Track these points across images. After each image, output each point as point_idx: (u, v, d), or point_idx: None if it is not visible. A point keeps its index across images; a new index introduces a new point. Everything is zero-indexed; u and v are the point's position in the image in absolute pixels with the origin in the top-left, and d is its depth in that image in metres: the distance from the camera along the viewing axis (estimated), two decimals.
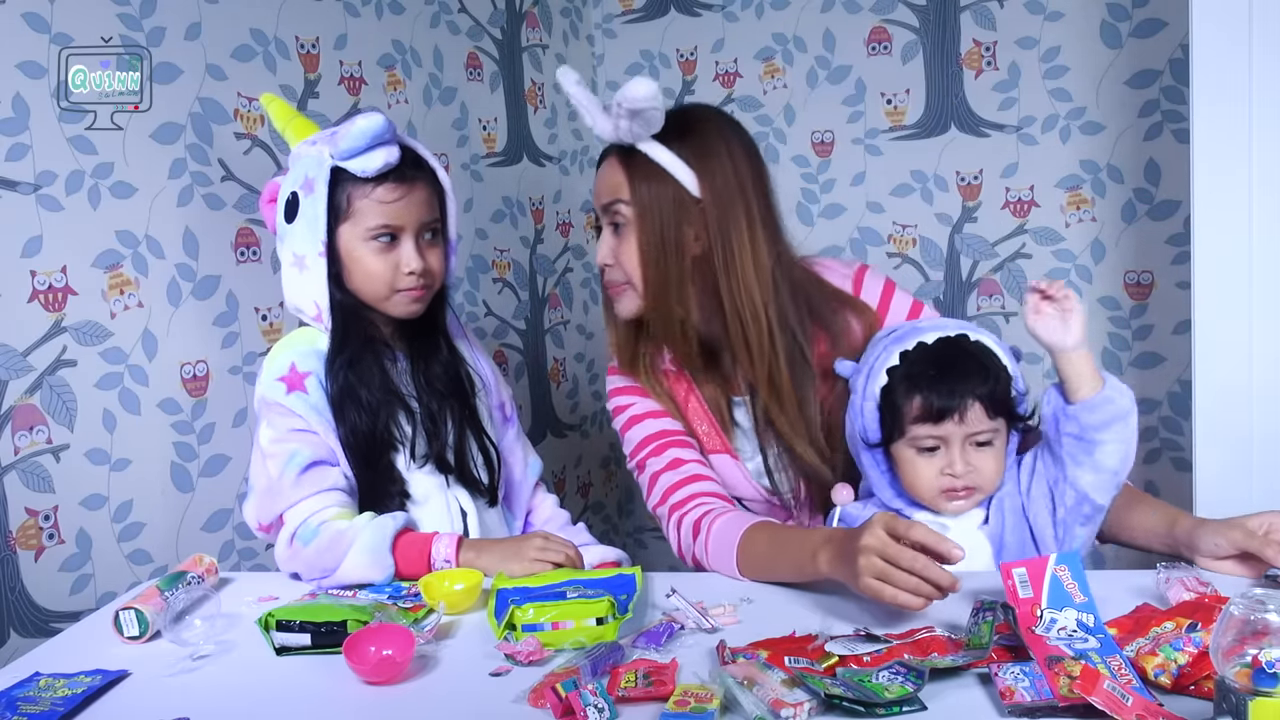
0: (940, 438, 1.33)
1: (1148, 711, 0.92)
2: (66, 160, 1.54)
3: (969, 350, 1.36)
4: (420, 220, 1.51)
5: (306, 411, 1.46)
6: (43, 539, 1.51)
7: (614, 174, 1.50)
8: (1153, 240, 2.44)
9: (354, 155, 1.45)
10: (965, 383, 1.32)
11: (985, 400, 1.32)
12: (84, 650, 1.26)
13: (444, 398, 1.57)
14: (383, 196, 1.48)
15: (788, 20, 2.70)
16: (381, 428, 1.50)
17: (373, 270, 1.50)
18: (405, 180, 1.49)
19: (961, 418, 1.32)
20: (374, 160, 1.45)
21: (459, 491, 1.56)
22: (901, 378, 1.36)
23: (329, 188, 1.47)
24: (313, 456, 1.45)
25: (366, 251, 1.49)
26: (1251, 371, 1.79)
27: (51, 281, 1.52)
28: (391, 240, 1.50)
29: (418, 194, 1.51)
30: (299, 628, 1.22)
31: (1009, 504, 1.38)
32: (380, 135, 1.44)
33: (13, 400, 1.48)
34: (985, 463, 1.34)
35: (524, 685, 1.07)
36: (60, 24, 1.53)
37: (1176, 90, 2.34)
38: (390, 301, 1.52)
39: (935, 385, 1.33)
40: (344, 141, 1.44)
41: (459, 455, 1.57)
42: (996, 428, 1.34)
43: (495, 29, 2.52)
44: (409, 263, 1.50)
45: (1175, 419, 2.40)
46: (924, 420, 1.33)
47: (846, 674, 1.03)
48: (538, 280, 2.68)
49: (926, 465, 1.35)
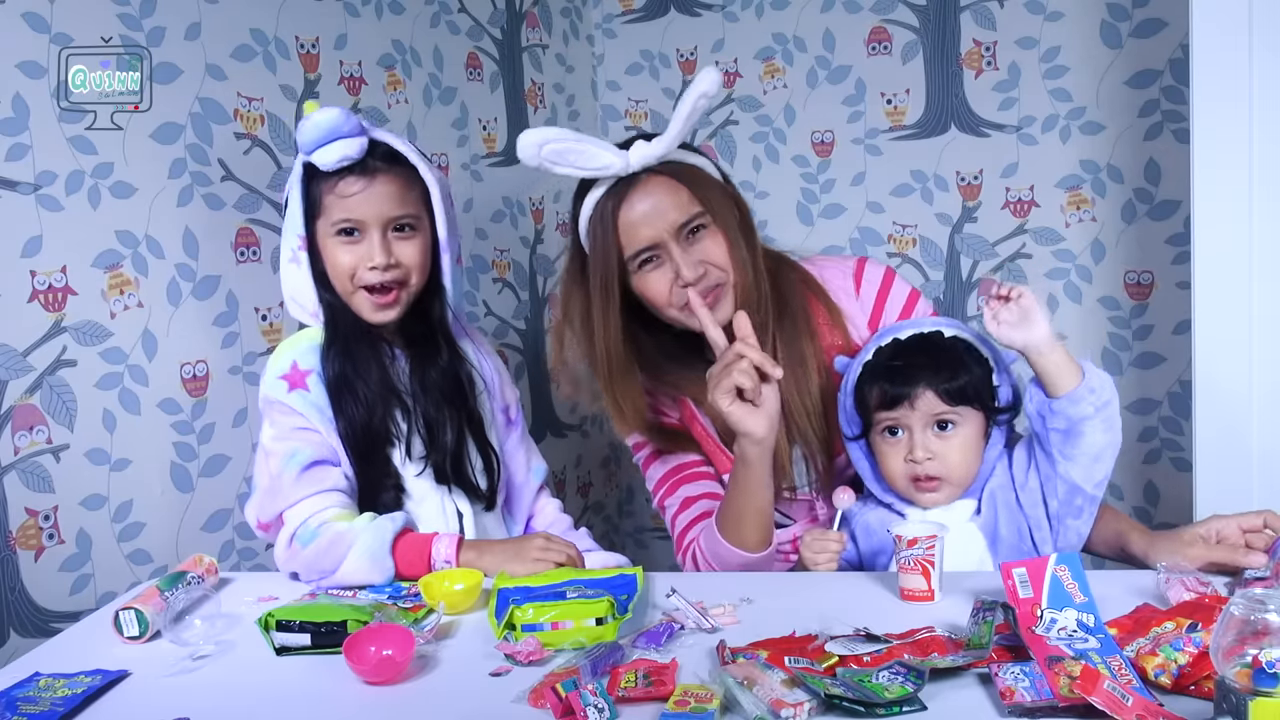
0: (897, 421, 1.40)
1: (1148, 711, 0.92)
2: (66, 160, 1.54)
3: (935, 344, 1.42)
4: (385, 214, 1.50)
5: (308, 409, 1.46)
6: (43, 539, 1.51)
7: (669, 191, 1.52)
8: (1153, 240, 2.44)
9: (314, 149, 1.47)
10: (920, 372, 1.38)
11: (939, 388, 1.37)
12: (84, 650, 1.26)
13: (442, 404, 1.56)
14: (343, 190, 1.49)
15: (788, 20, 2.70)
16: (378, 421, 1.50)
17: (337, 265, 1.51)
18: (367, 173, 1.49)
19: (913, 404, 1.38)
20: (330, 154, 1.46)
21: (456, 494, 1.56)
22: (868, 370, 1.44)
23: (305, 184, 1.51)
24: (314, 455, 1.45)
25: (333, 246, 1.51)
26: (1251, 371, 1.79)
27: (51, 281, 1.52)
28: (354, 235, 1.50)
29: (381, 186, 1.50)
30: (299, 628, 1.22)
31: (1001, 497, 1.41)
32: (337, 129, 1.45)
33: (13, 400, 1.48)
34: (949, 450, 1.38)
35: (524, 685, 1.07)
36: (60, 24, 1.53)
37: (1176, 90, 2.34)
38: (355, 298, 1.52)
39: (891, 375, 1.40)
40: (301, 135, 1.47)
41: (456, 461, 1.56)
42: (957, 413, 1.37)
43: (495, 29, 2.52)
44: (370, 256, 1.49)
45: (1175, 419, 2.40)
46: (881, 407, 1.41)
47: (846, 674, 1.03)
48: (538, 280, 2.68)
49: (893, 452, 1.41)
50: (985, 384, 1.40)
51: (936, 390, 1.37)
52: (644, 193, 1.52)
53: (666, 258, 1.52)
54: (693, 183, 1.53)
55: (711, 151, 2.81)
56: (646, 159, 1.51)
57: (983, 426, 1.41)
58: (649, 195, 1.51)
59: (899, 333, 1.45)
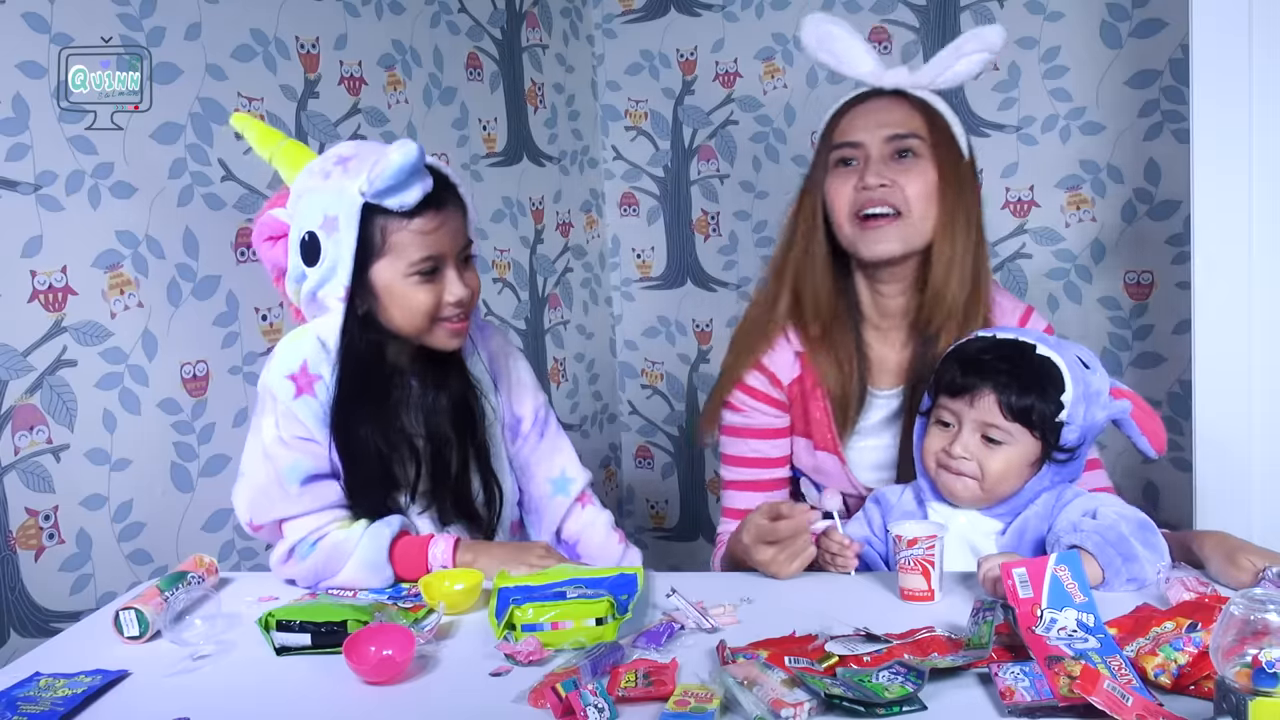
0: (954, 413, 1.36)
1: (1148, 711, 0.92)
2: (66, 160, 1.54)
3: (1026, 357, 1.36)
4: (458, 245, 1.44)
5: (311, 420, 1.41)
6: (43, 539, 1.51)
7: (904, 109, 1.52)
8: (1153, 240, 2.44)
9: (391, 192, 1.35)
10: (992, 374, 1.34)
11: (1002, 397, 1.33)
12: (84, 650, 1.26)
13: (449, 436, 1.50)
14: (422, 228, 1.38)
15: (788, 20, 2.70)
16: (384, 472, 1.45)
17: (416, 305, 1.40)
18: (442, 208, 1.41)
19: (973, 402, 1.34)
20: (411, 195, 1.35)
21: (454, 528, 1.52)
22: (953, 353, 1.41)
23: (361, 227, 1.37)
24: (314, 469, 1.42)
25: (408, 286, 1.40)
26: (1251, 371, 1.79)
27: (51, 281, 1.52)
28: (433, 271, 1.41)
29: (454, 219, 1.43)
30: (299, 628, 1.21)
31: (1032, 527, 1.36)
32: (416, 167, 1.34)
33: (13, 400, 1.48)
34: (991, 461, 1.34)
35: (524, 685, 1.07)
36: (60, 24, 1.53)
37: (1176, 90, 2.34)
38: (431, 334, 1.44)
39: (965, 364, 1.37)
40: (380, 181, 1.33)
41: (458, 496, 1.51)
42: (1010, 431, 1.33)
43: (495, 29, 2.52)
44: (454, 292, 1.42)
45: (1175, 419, 2.40)
46: (944, 391, 1.38)
47: (846, 674, 1.03)
48: (538, 280, 2.68)
49: (937, 437, 1.38)
50: (1053, 414, 1.34)
51: (1000, 398, 1.33)
52: (878, 102, 1.53)
53: (862, 162, 1.50)
54: (927, 115, 1.52)
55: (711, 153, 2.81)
56: (899, 80, 1.53)
57: (1036, 453, 1.35)
58: (881, 104, 1.53)
59: (1000, 333, 1.41)
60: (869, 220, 1.49)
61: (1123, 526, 1.26)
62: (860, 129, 1.51)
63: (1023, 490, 1.36)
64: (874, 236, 1.49)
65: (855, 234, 1.50)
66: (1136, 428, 1.40)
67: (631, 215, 2.98)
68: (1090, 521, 1.29)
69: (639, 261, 3.00)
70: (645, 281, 3.00)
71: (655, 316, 3.00)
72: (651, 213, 2.96)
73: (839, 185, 1.51)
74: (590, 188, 2.92)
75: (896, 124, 1.50)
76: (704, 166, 2.87)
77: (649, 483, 3.08)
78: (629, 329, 3.04)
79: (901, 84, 1.54)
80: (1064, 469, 1.37)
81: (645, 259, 2.99)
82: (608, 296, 3.01)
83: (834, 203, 1.51)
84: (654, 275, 2.99)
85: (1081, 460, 1.40)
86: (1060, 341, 1.41)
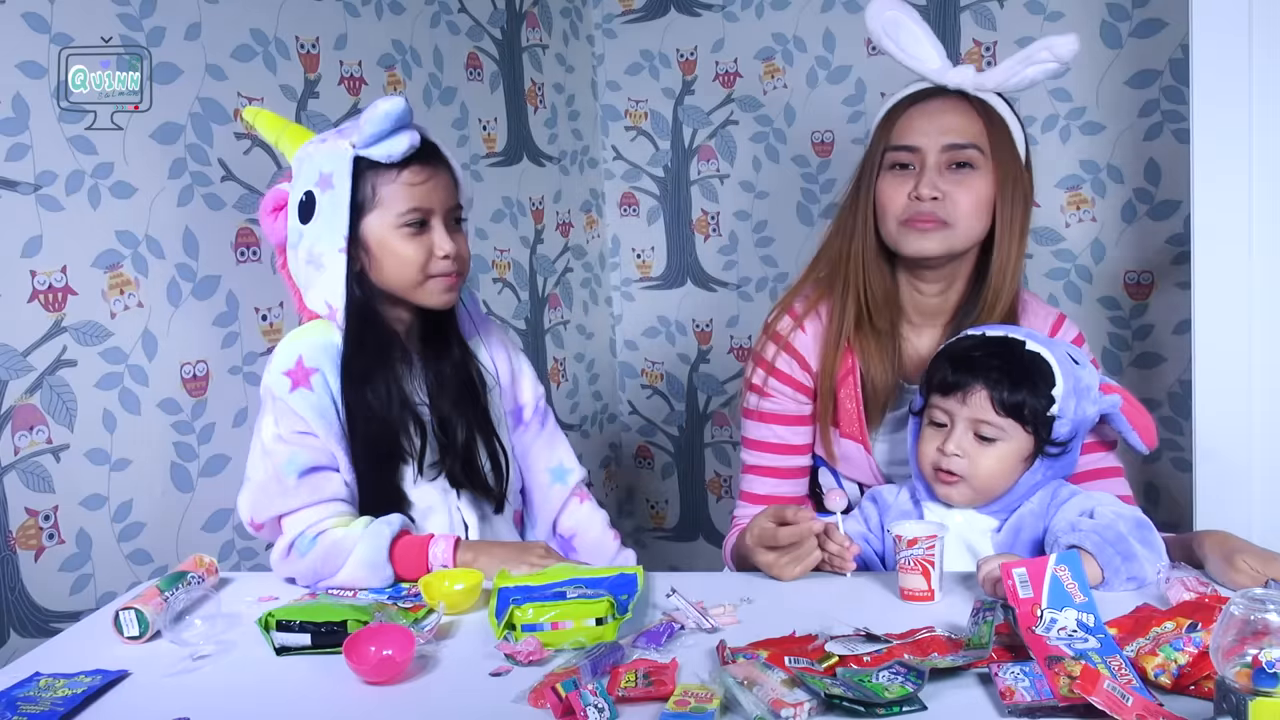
0: (946, 412, 1.37)
1: (1148, 711, 0.92)
2: (66, 160, 1.54)
3: (1014, 353, 1.37)
4: (447, 204, 1.48)
5: (308, 412, 1.43)
6: (43, 539, 1.51)
7: (965, 114, 1.49)
8: (1153, 240, 2.44)
9: (378, 140, 1.41)
10: (983, 371, 1.35)
11: (995, 394, 1.34)
12: (84, 650, 1.26)
13: (455, 403, 1.53)
14: (410, 179, 1.44)
15: (788, 20, 2.70)
16: (391, 442, 1.47)
17: (406, 256, 1.45)
18: (430, 163, 1.46)
19: (965, 399, 1.35)
20: (399, 144, 1.41)
21: (463, 503, 1.55)
22: (944, 352, 1.42)
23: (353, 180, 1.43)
24: (311, 461, 1.43)
25: (398, 238, 1.44)
26: (1251, 371, 1.79)
27: (51, 281, 1.52)
28: (422, 225, 1.46)
29: (442, 178, 1.47)
30: (299, 628, 1.21)
31: (1028, 525, 1.37)
32: (403, 118, 1.41)
33: (13, 400, 1.48)
34: (983, 458, 1.35)
35: (524, 685, 1.07)
36: (60, 24, 1.53)
37: (1176, 90, 2.34)
38: (423, 289, 1.47)
39: (956, 362, 1.37)
40: (368, 126, 1.40)
41: (468, 463, 1.54)
42: (1003, 427, 1.34)
43: (495, 29, 2.52)
44: (442, 246, 1.45)
45: (1175, 419, 2.40)
46: (936, 390, 1.38)
47: (846, 674, 1.03)
48: (538, 280, 2.68)
49: (931, 438, 1.39)
50: (1045, 408, 1.35)
51: (992, 394, 1.34)
52: (940, 104, 1.51)
53: (918, 168, 1.49)
54: (988, 119, 1.49)
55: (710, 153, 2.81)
56: (963, 81, 1.50)
57: (1028, 448, 1.36)
58: (942, 107, 1.50)
59: (989, 330, 1.42)
60: (913, 221, 1.49)
61: (1121, 525, 1.27)
62: (919, 132, 1.49)
63: (1016, 486, 1.37)
64: (916, 235, 1.49)
65: (899, 232, 1.50)
66: (1127, 422, 1.43)
67: (631, 215, 2.99)
68: (1088, 521, 1.30)
69: (639, 261, 3.00)
70: (645, 281, 3.00)
71: (655, 316, 3.00)
72: (651, 213, 2.96)
73: (892, 190, 1.50)
74: (590, 188, 2.92)
75: (957, 131, 1.48)
76: (704, 166, 2.87)
77: (649, 483, 3.08)
78: (629, 329, 3.04)
79: (965, 85, 1.51)
80: (1056, 463, 1.38)
81: (645, 259, 2.99)
82: (608, 296, 3.01)
83: (884, 205, 1.51)
84: (654, 275, 2.99)
85: (1074, 454, 1.41)
86: (1050, 338, 1.42)
